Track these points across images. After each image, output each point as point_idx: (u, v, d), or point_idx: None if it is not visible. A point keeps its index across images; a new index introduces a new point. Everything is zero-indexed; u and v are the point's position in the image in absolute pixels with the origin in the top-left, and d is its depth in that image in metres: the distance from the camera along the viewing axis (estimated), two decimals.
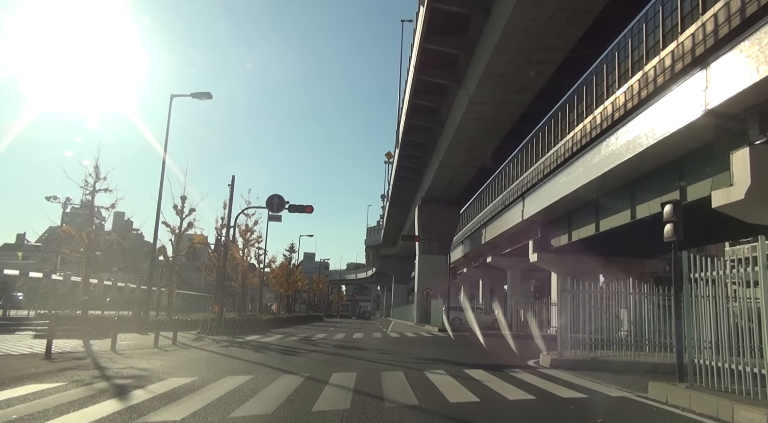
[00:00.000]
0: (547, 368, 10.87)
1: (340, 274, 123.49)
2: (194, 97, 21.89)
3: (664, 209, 7.78)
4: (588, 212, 23.26)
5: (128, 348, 13.19)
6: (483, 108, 26.30)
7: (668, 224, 7.73)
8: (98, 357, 10.90)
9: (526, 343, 18.46)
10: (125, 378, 7.86)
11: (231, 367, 9.82)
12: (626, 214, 19.86)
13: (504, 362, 12.08)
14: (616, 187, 19.94)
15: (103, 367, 9.15)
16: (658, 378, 7.94)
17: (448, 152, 33.42)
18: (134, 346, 13.69)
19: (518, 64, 21.66)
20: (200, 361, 10.83)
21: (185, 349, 13.58)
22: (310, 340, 18.78)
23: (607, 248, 26.10)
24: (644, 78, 16.70)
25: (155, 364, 9.86)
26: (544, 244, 28.53)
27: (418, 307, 43.46)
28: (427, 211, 44.30)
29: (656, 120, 15.37)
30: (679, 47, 14.88)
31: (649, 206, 18.07)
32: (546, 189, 25.29)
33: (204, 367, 9.51)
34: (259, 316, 29.29)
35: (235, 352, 13.00)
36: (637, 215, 19.16)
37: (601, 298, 12.14)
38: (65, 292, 31.73)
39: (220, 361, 10.81)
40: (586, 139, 20.98)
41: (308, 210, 22.18)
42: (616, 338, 12.00)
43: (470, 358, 13.25)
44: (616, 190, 20.14)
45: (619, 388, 7.99)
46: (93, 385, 7.06)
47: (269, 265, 42.27)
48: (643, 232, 21.76)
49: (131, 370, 8.91)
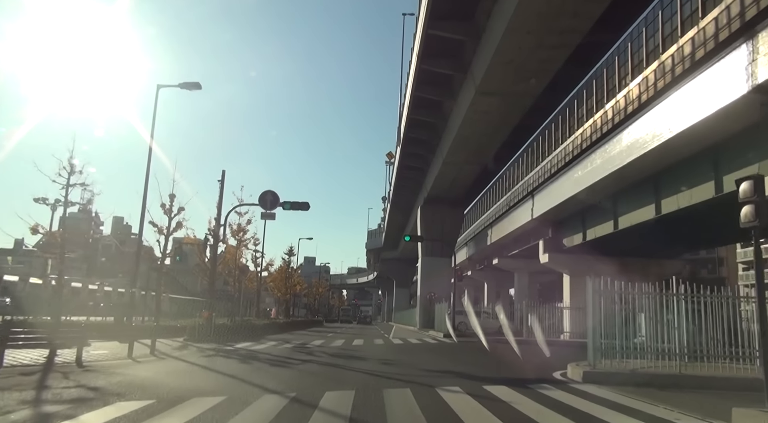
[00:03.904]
0: (579, 383, 9.24)
1: (341, 279, 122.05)
2: (182, 88, 20.45)
3: (741, 187, 6.17)
4: (605, 209, 21.65)
5: (98, 359, 11.60)
6: (491, 99, 24.68)
7: (747, 205, 6.12)
8: (54, 371, 9.29)
9: (539, 349, 16.81)
10: (61, 403, 6.23)
11: (204, 384, 8.21)
12: (650, 210, 18.25)
13: (526, 375, 10.47)
14: (638, 180, 18.35)
15: (45, 387, 7.54)
16: (715, 396, 6.30)
17: (452, 149, 31.78)
18: (105, 357, 12.09)
19: (530, 49, 20.05)
20: (171, 375, 9.22)
21: (161, 360, 11.96)
22: (306, 348, 17.15)
23: (622, 248, 24.53)
24: (679, 52, 15.10)
25: (114, 380, 8.25)
26: (555, 245, 26.91)
27: (421, 311, 41.75)
28: (429, 212, 42.60)
29: (688, 102, 13.79)
30: (724, 13, 13.25)
31: (677, 200, 16.46)
32: (558, 185, 23.71)
33: (171, 385, 7.90)
34: (254, 322, 27.67)
35: (218, 364, 11.39)
36: (663, 210, 17.54)
37: (639, 300, 10.48)
38: (47, 297, 30.41)
39: (195, 375, 9.20)
40: (607, 127, 19.39)
41: (304, 207, 20.58)
42: (658, 347, 10.34)
43: (485, 369, 11.63)
44: (638, 184, 18.55)
45: (686, 414, 6.33)
46: (8, 416, 5.44)
47: (267, 268, 40.70)
48: (663, 230, 20.19)
49: (79, 390, 7.30)
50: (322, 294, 73.58)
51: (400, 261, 74.30)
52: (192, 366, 10.89)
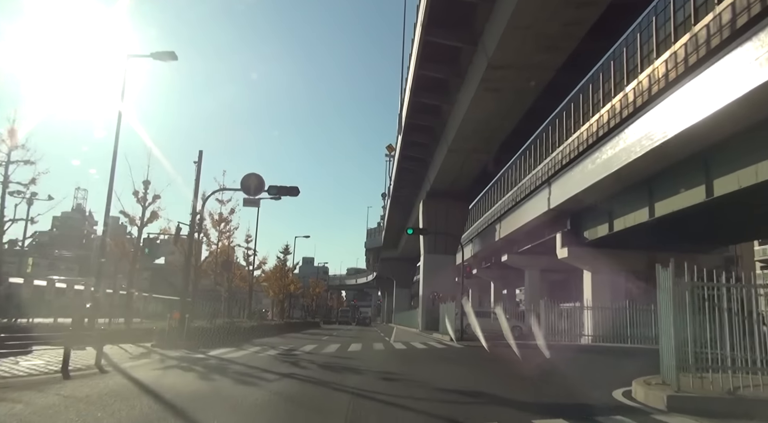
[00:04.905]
0: (664, 412, 6.51)
1: (339, 280, 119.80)
2: (155, 59, 17.66)
3: None
4: (638, 194, 18.94)
5: (20, 374, 8.96)
6: (504, 73, 21.96)
7: None
8: None
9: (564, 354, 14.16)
10: None
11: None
12: (698, 192, 15.51)
13: (580, 396, 7.77)
14: (682, 158, 15.63)
15: None
16: None
17: (458, 135, 29.05)
18: (35, 370, 9.42)
19: (553, 8, 17.38)
20: (84, 405, 6.50)
21: (100, 376, 9.20)
22: (292, 355, 14.43)
23: (649, 242, 21.84)
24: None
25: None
26: (575, 237, 24.17)
27: (423, 312, 38.98)
28: (432, 207, 39.85)
29: (752, 57, 11.10)
30: None
31: (738, 178, 13.71)
32: (581, 169, 21.03)
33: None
34: (242, 324, 24.92)
35: (167, 382, 8.68)
36: (716, 192, 14.80)
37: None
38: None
39: (119, 405, 6.45)
40: (642, 99, 16.68)
41: (292, 192, 17.89)
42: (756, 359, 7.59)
43: (521, 387, 8.92)
44: (682, 163, 15.84)
45: None
46: None
47: (260, 266, 37.91)
48: (709, 219, 17.47)
49: None
50: (319, 294, 70.91)
51: (400, 260, 71.87)
52: (131, 386, 8.18)
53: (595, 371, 10.96)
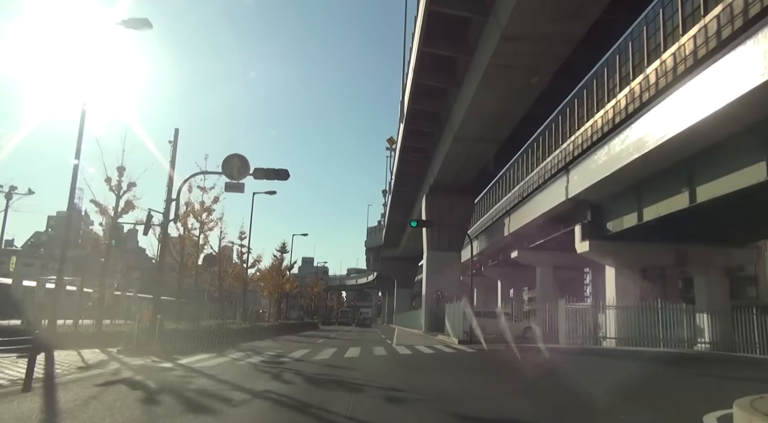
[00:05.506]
0: None
1: (340, 280, 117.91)
2: (126, 27, 15.47)
3: None
4: (673, 178, 16.67)
5: None
6: (518, 47, 19.74)
7: None
8: None
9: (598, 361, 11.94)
10: None
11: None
12: (753, 172, 13.25)
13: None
14: (736, 130, 13.38)
15: None
16: None
17: (465, 120, 26.80)
18: None
19: None
20: None
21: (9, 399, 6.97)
22: (277, 364, 12.18)
23: (677, 234, 19.66)
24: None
25: None
26: (596, 230, 21.87)
27: (427, 312, 36.68)
28: (436, 202, 37.57)
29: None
30: None
31: None
32: (606, 151, 18.80)
33: None
34: (230, 325, 22.64)
35: (110, 397, 6.56)
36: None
37: None
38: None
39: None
40: (683, 67, 14.43)
41: (281, 175, 15.63)
42: None
43: (571, 408, 6.67)
44: (735, 137, 13.58)
45: None
46: None
47: (254, 264, 35.60)
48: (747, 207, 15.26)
49: None
50: (317, 294, 68.74)
51: (401, 260, 69.84)
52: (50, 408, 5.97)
53: (657, 384, 8.75)
